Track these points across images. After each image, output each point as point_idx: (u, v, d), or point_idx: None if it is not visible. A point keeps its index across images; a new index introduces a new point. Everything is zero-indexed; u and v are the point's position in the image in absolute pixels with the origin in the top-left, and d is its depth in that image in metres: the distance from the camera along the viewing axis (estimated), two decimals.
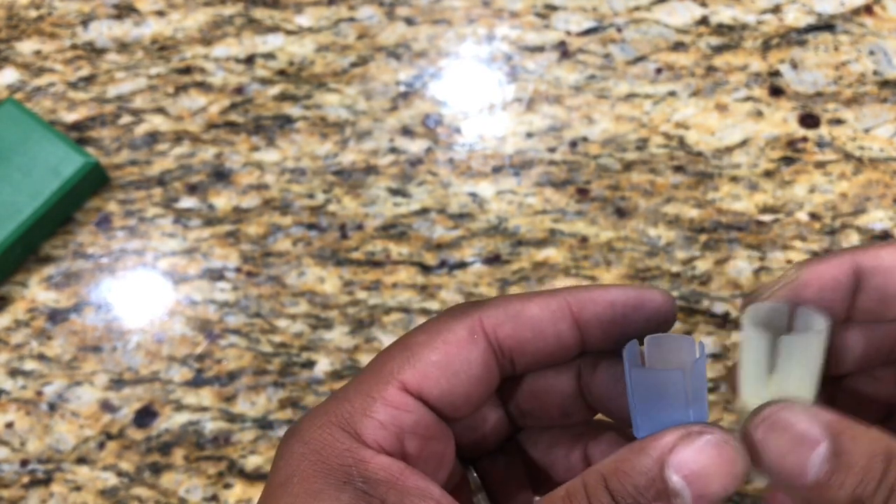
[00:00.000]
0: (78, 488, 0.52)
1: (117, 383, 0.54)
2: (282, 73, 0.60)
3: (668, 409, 0.23)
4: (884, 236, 0.57)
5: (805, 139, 0.59)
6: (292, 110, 0.60)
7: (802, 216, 0.57)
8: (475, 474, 0.31)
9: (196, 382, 0.54)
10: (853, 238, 0.56)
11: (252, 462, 0.52)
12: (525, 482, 0.31)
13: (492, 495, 0.32)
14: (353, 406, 0.26)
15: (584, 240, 0.57)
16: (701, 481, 0.22)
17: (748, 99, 0.60)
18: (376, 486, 0.24)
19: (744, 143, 0.59)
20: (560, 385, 0.29)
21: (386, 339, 0.54)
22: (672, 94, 0.60)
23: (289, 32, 0.62)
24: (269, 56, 0.61)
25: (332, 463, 0.25)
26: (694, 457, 0.22)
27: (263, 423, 0.53)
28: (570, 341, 0.27)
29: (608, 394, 0.28)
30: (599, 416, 0.31)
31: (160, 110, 0.60)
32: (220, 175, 0.58)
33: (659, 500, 0.22)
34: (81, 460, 0.52)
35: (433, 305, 0.55)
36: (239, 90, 0.60)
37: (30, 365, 0.54)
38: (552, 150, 0.59)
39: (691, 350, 0.24)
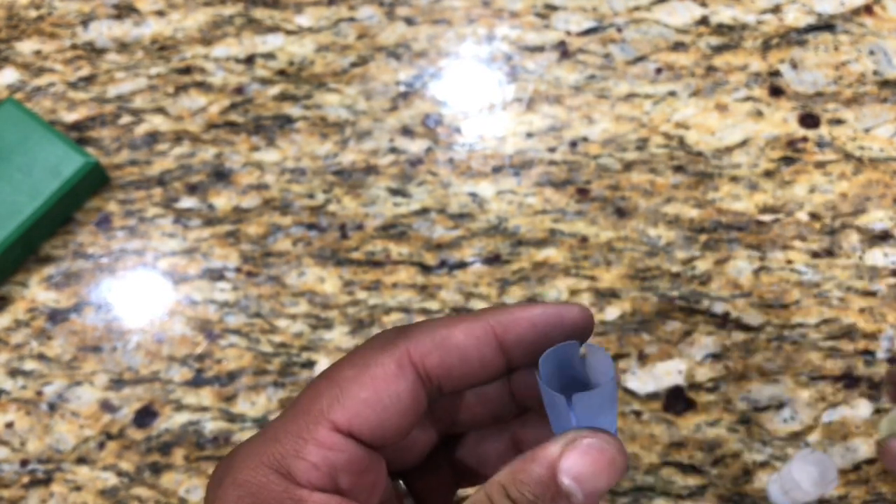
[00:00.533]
0: (78, 488, 0.52)
1: (117, 383, 0.54)
2: (282, 73, 0.61)
3: (564, 417, 0.26)
4: (884, 236, 0.57)
5: (805, 139, 0.59)
6: (292, 110, 0.60)
7: (802, 216, 0.57)
8: (402, 485, 0.33)
9: (196, 382, 0.54)
10: (853, 238, 0.56)
11: None
12: (451, 486, 0.33)
13: (420, 502, 0.33)
14: (285, 448, 0.26)
15: (584, 240, 0.57)
16: (589, 481, 0.25)
17: (748, 99, 0.60)
18: None
19: (744, 143, 0.59)
20: (492, 393, 0.31)
21: None
22: (672, 94, 0.60)
23: (289, 32, 0.62)
24: (269, 56, 0.61)
25: None
26: (579, 460, 0.25)
27: (263, 423, 0.53)
28: (494, 363, 0.28)
29: (537, 393, 0.31)
30: None
31: (160, 110, 0.60)
32: (220, 175, 0.58)
33: (555, 501, 0.25)
34: (81, 460, 0.52)
35: (433, 305, 0.55)
36: (239, 90, 0.60)
37: (30, 365, 0.54)
38: (552, 150, 0.59)
39: (583, 359, 0.27)
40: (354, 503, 0.26)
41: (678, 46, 0.61)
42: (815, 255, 0.56)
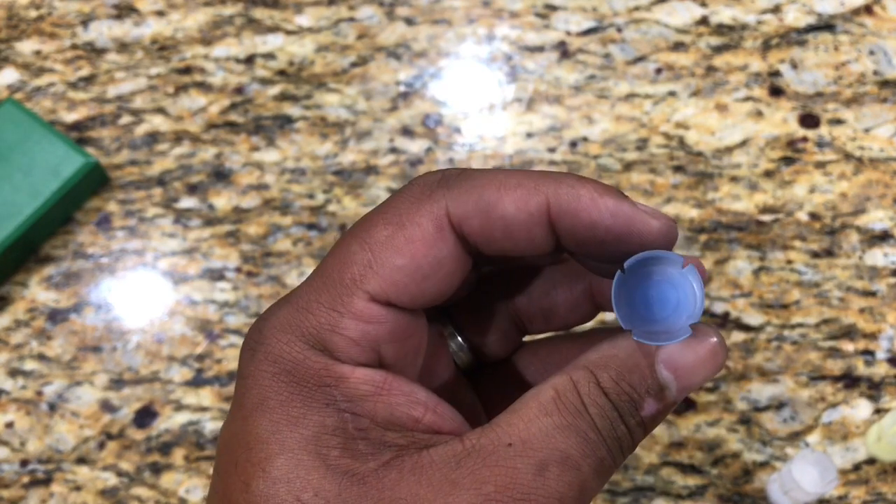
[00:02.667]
0: (78, 488, 0.52)
1: (117, 383, 0.54)
2: (282, 73, 0.60)
3: (654, 317, 0.24)
4: (884, 236, 0.57)
5: (805, 139, 0.59)
6: (292, 110, 0.60)
7: (802, 216, 0.57)
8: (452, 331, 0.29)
9: (196, 382, 0.54)
10: (853, 238, 0.56)
11: None
12: (511, 332, 0.29)
13: (474, 347, 0.29)
14: (319, 321, 0.23)
15: None
16: (687, 375, 0.23)
17: (748, 99, 0.60)
18: (361, 404, 0.23)
19: (744, 143, 0.59)
20: (572, 298, 0.28)
21: None
22: (672, 94, 0.60)
23: (289, 32, 0.62)
24: (269, 56, 0.61)
25: (309, 384, 0.23)
26: (680, 353, 0.23)
27: None
28: (543, 244, 0.24)
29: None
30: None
31: (160, 110, 0.60)
32: (220, 175, 0.58)
33: (649, 394, 0.23)
34: (81, 460, 0.52)
35: None
36: (239, 90, 0.60)
37: (30, 365, 0.54)
38: (552, 150, 0.59)
39: (674, 264, 0.24)
40: (399, 377, 0.24)
41: (678, 46, 0.61)
42: (815, 255, 0.56)
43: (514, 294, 0.28)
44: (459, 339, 0.28)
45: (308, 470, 0.22)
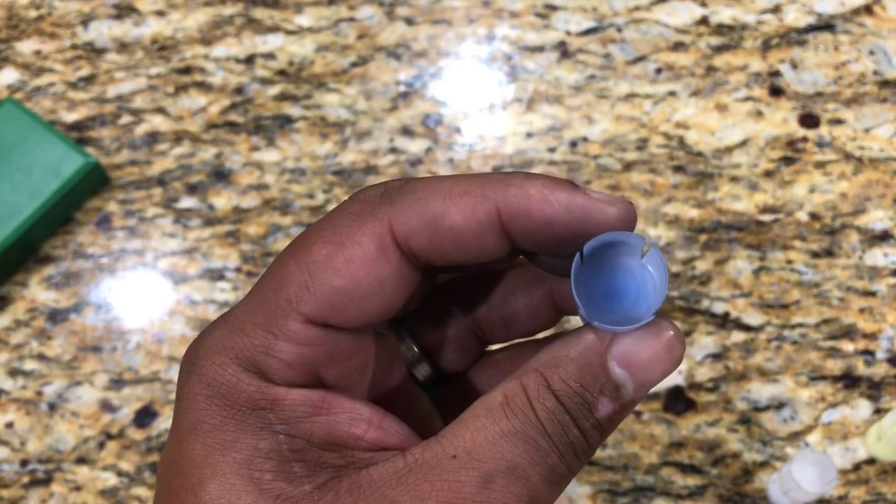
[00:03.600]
0: (78, 488, 0.52)
1: (117, 383, 0.54)
2: (282, 73, 0.60)
3: (611, 308, 0.23)
4: (884, 236, 0.57)
5: (805, 139, 0.59)
6: (292, 110, 0.60)
7: (802, 216, 0.57)
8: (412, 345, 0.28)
9: None
10: (853, 238, 0.56)
11: None
12: (471, 343, 0.28)
13: (433, 360, 0.28)
14: (253, 342, 0.22)
15: None
16: (643, 371, 0.22)
17: (748, 99, 0.60)
18: (297, 425, 0.22)
19: (744, 143, 0.59)
20: (532, 303, 0.26)
21: None
22: (672, 94, 0.60)
23: (289, 32, 0.62)
24: (269, 56, 0.61)
25: (243, 407, 0.22)
26: (634, 346, 0.22)
27: None
28: (496, 249, 0.23)
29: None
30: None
31: (160, 110, 0.60)
32: (220, 175, 0.58)
33: (603, 394, 0.21)
34: (81, 460, 0.52)
35: None
36: (239, 90, 0.60)
37: (30, 365, 0.54)
38: (552, 150, 0.59)
39: (634, 249, 0.23)
40: (339, 394, 0.23)
41: (678, 46, 0.61)
42: (815, 255, 0.56)
43: (471, 303, 0.27)
44: (417, 351, 0.27)
45: (240, 495, 0.21)
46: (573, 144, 0.59)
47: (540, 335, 0.27)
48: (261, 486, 0.21)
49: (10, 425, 0.53)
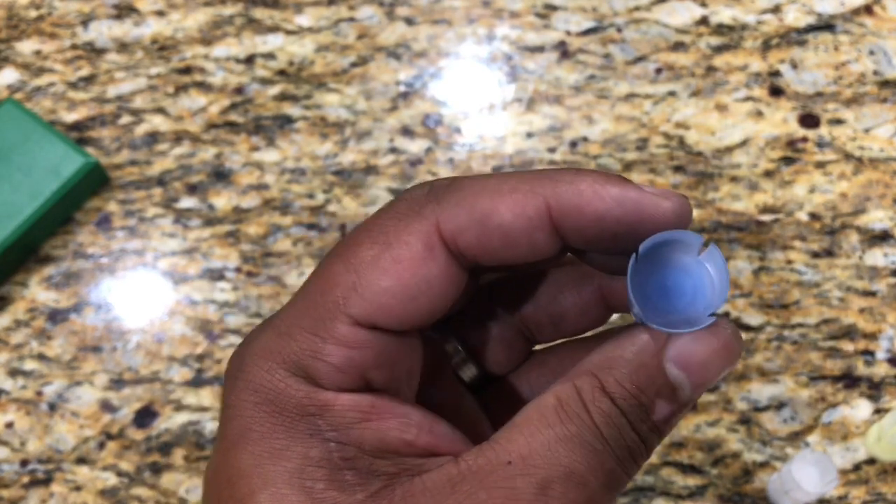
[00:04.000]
0: (78, 488, 0.52)
1: (117, 383, 0.54)
2: (282, 73, 0.60)
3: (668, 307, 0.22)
4: (884, 236, 0.57)
5: (805, 139, 0.59)
6: (292, 110, 0.60)
7: (802, 216, 0.57)
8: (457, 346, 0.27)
9: (196, 382, 0.54)
10: (853, 238, 0.56)
11: None
12: (518, 342, 0.27)
13: (479, 360, 0.27)
14: (301, 346, 0.22)
15: None
16: (700, 371, 0.21)
17: (748, 99, 0.60)
18: (347, 432, 0.21)
19: (744, 143, 0.59)
20: (581, 301, 0.26)
21: None
22: (672, 94, 0.60)
23: (289, 32, 0.62)
24: (269, 56, 0.61)
25: (291, 413, 0.21)
26: (690, 346, 0.21)
27: None
28: (547, 247, 0.22)
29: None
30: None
31: (160, 110, 0.60)
32: (220, 175, 0.58)
33: (660, 396, 0.21)
34: (81, 460, 0.52)
35: None
36: (239, 90, 0.60)
37: (30, 365, 0.54)
38: (552, 150, 0.59)
39: (690, 247, 0.22)
40: (389, 399, 0.22)
41: (678, 46, 0.61)
42: (815, 255, 0.56)
43: (518, 302, 0.26)
44: (463, 352, 0.27)
45: None
46: (573, 144, 0.59)
47: (589, 333, 0.27)
48: (313, 495, 0.21)
49: (9, 425, 0.53)
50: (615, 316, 0.27)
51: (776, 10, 0.62)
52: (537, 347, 0.28)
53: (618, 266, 0.22)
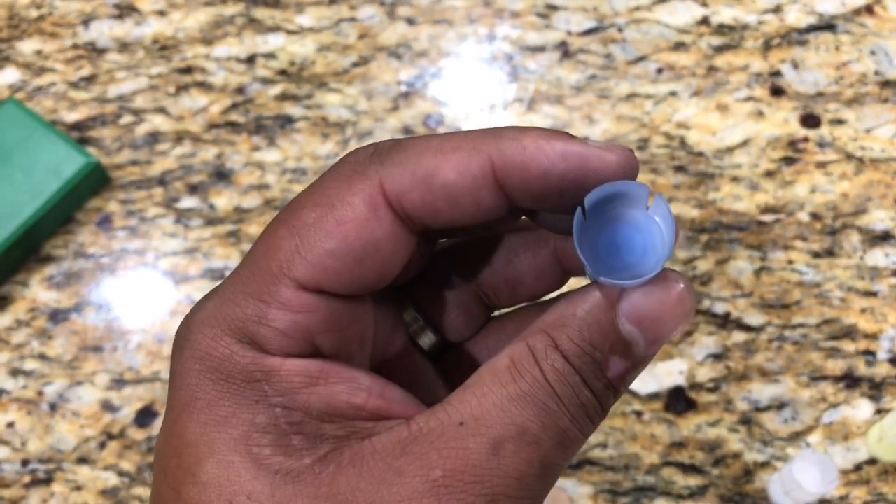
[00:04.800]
0: (79, 488, 0.52)
1: (118, 383, 0.54)
2: (283, 72, 0.60)
3: (618, 261, 0.21)
4: (885, 236, 0.57)
5: (806, 139, 0.59)
6: (293, 110, 0.60)
7: (803, 216, 0.57)
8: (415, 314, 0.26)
9: None
10: (854, 238, 0.56)
11: None
12: (476, 308, 0.27)
13: (436, 327, 0.27)
14: (245, 312, 0.21)
15: None
16: (654, 326, 0.21)
17: (749, 99, 0.60)
18: (294, 396, 0.21)
19: (745, 143, 0.59)
20: (537, 264, 0.25)
21: None
22: (673, 94, 0.60)
23: (290, 32, 0.62)
24: (270, 56, 0.61)
25: (237, 380, 0.21)
26: (643, 301, 0.21)
27: None
28: (494, 207, 0.22)
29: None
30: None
31: (161, 110, 0.60)
32: (221, 175, 0.58)
33: (614, 352, 0.21)
34: (82, 460, 0.52)
35: None
36: (240, 90, 0.60)
37: (31, 365, 0.54)
38: None
39: (639, 199, 0.21)
40: (338, 363, 0.22)
41: (679, 46, 0.61)
42: (816, 255, 0.56)
43: (474, 267, 0.26)
44: (421, 320, 0.26)
45: (239, 472, 0.20)
46: None
47: (546, 297, 0.27)
48: (259, 461, 0.20)
49: (10, 425, 0.53)
50: (573, 280, 0.26)
51: (777, 10, 0.62)
52: (496, 313, 0.27)
53: (569, 226, 0.21)
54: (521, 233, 0.26)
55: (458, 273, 0.26)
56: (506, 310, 0.27)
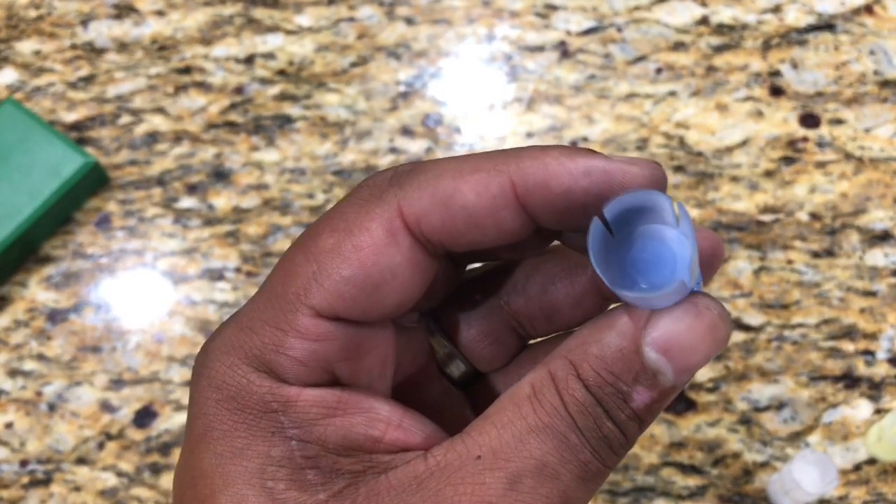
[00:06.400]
0: (77, 489, 0.52)
1: (117, 383, 0.54)
2: (282, 72, 0.60)
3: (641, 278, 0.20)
4: (884, 236, 0.57)
5: (805, 139, 0.59)
6: (292, 110, 0.59)
7: (803, 216, 0.57)
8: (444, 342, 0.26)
9: None
10: (853, 238, 0.56)
11: None
12: (511, 337, 0.26)
13: (470, 357, 0.26)
14: (262, 340, 0.21)
15: None
16: (683, 354, 0.19)
17: (748, 99, 0.60)
18: (310, 429, 0.21)
19: (744, 143, 0.59)
20: (574, 292, 0.24)
21: None
22: (672, 93, 0.60)
23: (289, 32, 0.62)
24: (269, 56, 0.61)
25: (253, 410, 0.21)
26: (671, 327, 0.19)
27: None
28: (515, 227, 0.21)
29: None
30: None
31: (160, 110, 0.60)
32: (220, 175, 0.58)
33: (638, 382, 0.19)
34: (81, 461, 0.52)
35: None
36: (239, 90, 0.60)
37: (29, 365, 0.54)
38: None
39: (664, 212, 0.20)
40: (357, 392, 0.21)
41: (678, 46, 0.61)
42: (815, 255, 0.56)
43: (507, 294, 0.25)
44: (449, 347, 0.25)
45: None
46: (573, 144, 0.59)
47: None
48: (274, 495, 0.20)
49: (9, 425, 0.53)
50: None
51: (776, 9, 0.62)
52: (533, 342, 0.27)
53: None
54: (556, 258, 0.25)
55: (489, 300, 0.26)
56: (541, 339, 0.26)
